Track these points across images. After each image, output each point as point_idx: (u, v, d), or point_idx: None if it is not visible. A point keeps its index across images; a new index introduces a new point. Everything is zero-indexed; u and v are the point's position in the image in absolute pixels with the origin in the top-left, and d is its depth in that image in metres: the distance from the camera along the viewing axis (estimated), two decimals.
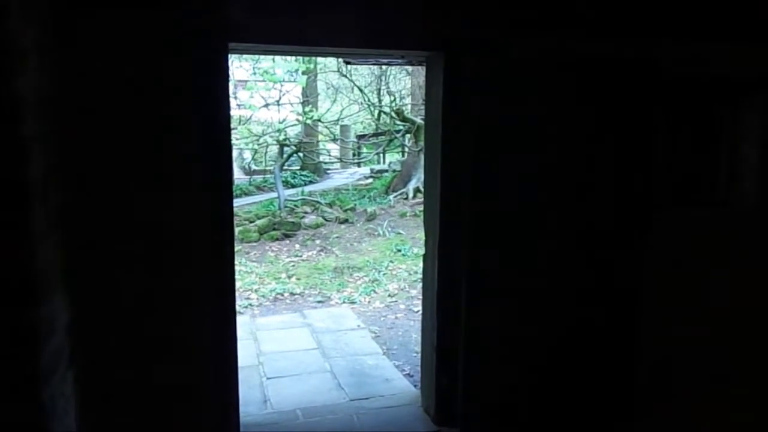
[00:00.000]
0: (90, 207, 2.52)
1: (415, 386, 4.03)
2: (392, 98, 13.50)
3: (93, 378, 2.53)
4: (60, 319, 2.19)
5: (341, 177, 15.84)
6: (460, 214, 3.14)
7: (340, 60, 8.99)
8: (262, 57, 10.19)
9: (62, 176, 2.30)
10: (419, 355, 4.04)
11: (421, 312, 3.69)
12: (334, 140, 15.49)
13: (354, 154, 17.68)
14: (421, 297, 3.68)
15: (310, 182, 14.38)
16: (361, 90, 13.29)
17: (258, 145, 13.82)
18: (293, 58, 9.30)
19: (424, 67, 3.43)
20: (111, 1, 2.48)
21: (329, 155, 16.91)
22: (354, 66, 11.72)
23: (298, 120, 12.87)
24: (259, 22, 2.73)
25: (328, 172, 16.37)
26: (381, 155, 16.49)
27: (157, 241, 2.66)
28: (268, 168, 15.06)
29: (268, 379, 4.16)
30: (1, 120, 1.65)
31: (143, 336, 2.70)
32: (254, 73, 11.02)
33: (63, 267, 2.25)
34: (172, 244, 2.67)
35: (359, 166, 17.12)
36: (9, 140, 1.68)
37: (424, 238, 3.47)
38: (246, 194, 12.66)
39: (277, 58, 9.63)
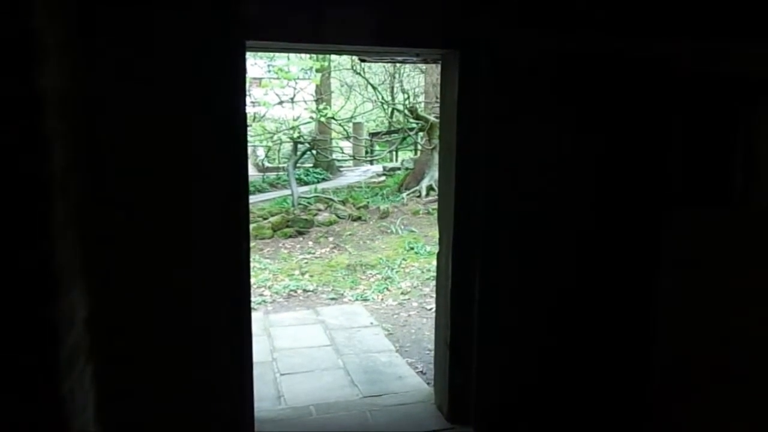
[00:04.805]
0: (107, 203, 2.55)
1: (428, 384, 4.04)
2: (406, 96, 13.49)
3: (110, 373, 2.56)
4: (79, 314, 2.22)
5: (354, 174, 15.86)
6: (475, 212, 3.13)
7: (354, 58, 8.99)
8: (276, 54, 10.23)
9: (80, 172, 2.33)
10: (432, 352, 4.05)
11: (434, 310, 3.69)
12: (348, 138, 15.52)
13: (367, 152, 17.70)
14: (433, 295, 3.68)
15: (323, 180, 14.43)
16: (374, 88, 13.29)
17: (272, 142, 13.88)
18: (308, 55, 9.31)
19: (439, 65, 3.43)
20: (132, 0, 2.51)
21: (342, 153, 16.94)
22: (368, 64, 11.73)
23: (311, 117, 12.91)
24: (277, 20, 2.75)
25: (341, 169, 16.41)
26: (394, 153, 16.50)
27: (173, 238, 2.69)
28: (281, 165, 15.13)
29: (281, 375, 4.19)
30: (23, 117, 1.68)
31: (159, 332, 2.73)
32: (269, 71, 11.07)
33: (81, 261, 2.28)
34: (188, 240, 2.70)
35: (372, 163, 17.14)
36: (31, 136, 1.71)
37: (437, 235, 3.47)
38: (259, 191, 12.72)
39: (292, 55, 9.65)
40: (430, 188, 11.10)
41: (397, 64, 12.63)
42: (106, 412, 2.49)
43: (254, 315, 3.37)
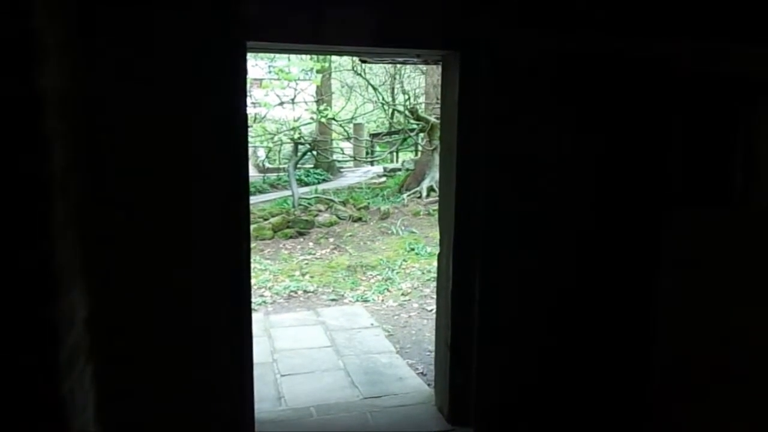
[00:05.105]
0: (107, 203, 2.55)
1: (428, 385, 4.03)
2: (407, 97, 13.51)
3: (109, 373, 2.56)
4: (79, 314, 2.22)
5: (354, 175, 15.88)
6: (475, 213, 3.13)
7: (355, 58, 9.00)
8: (277, 55, 10.24)
9: (80, 172, 2.33)
10: (432, 353, 4.05)
11: (434, 311, 3.69)
12: (348, 139, 15.54)
13: (367, 153, 17.71)
14: (434, 296, 3.68)
15: (324, 180, 14.45)
16: (375, 89, 13.31)
17: (272, 143, 13.90)
18: (308, 56, 9.33)
19: (439, 66, 3.43)
20: (132, 0, 2.51)
21: (343, 153, 16.96)
22: (368, 65, 11.74)
23: (312, 118, 12.93)
24: (277, 20, 2.75)
25: (342, 170, 16.42)
26: (394, 154, 16.52)
27: (173, 238, 2.69)
28: (281, 166, 15.15)
29: (282, 376, 4.19)
30: (24, 117, 1.68)
31: (159, 332, 2.73)
32: (269, 72, 11.08)
33: (81, 261, 2.28)
34: (188, 240, 2.70)
35: (372, 164, 17.15)
36: (31, 136, 1.71)
37: (437, 236, 3.46)
38: (260, 192, 12.74)
39: (293, 56, 9.67)
40: (430, 189, 11.11)
41: (398, 65, 12.64)
42: (106, 412, 2.49)
43: (255, 316, 3.37)
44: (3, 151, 1.67)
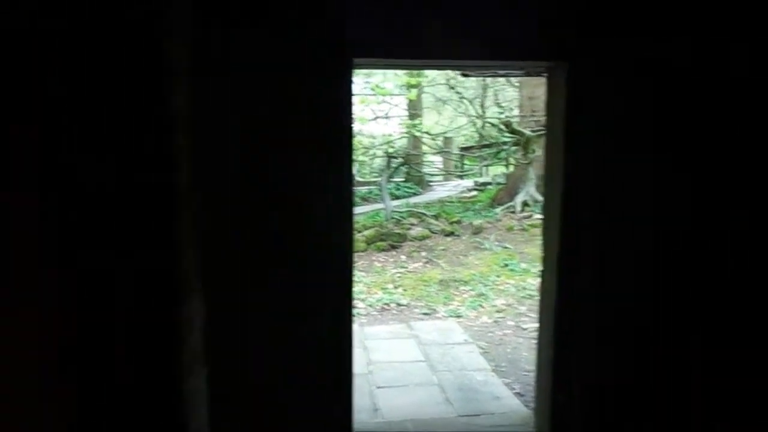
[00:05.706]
0: (226, 215, 2.68)
1: (526, 406, 3.91)
2: (501, 110, 13.34)
3: (216, 377, 2.67)
4: (197, 320, 2.33)
5: (444, 189, 15.81)
6: (583, 229, 3.02)
7: (450, 72, 9.00)
8: (373, 71, 10.46)
9: (201, 182, 2.46)
10: (530, 374, 3.93)
11: (530, 329, 3.58)
12: (440, 152, 15.54)
13: (456, 166, 17.62)
14: (530, 314, 3.57)
15: (414, 194, 14.49)
16: (470, 102, 13.25)
17: (366, 156, 14.16)
18: (402, 72, 9.45)
19: (534, 79, 3.36)
20: (243, 21, 2.65)
21: (433, 167, 16.97)
22: (460, 78, 11.71)
23: (405, 133, 13.06)
24: (384, 38, 2.81)
25: (431, 184, 16.42)
26: (485, 168, 16.32)
27: (285, 250, 2.78)
28: (372, 179, 15.37)
29: (377, 388, 4.21)
30: (160, 132, 1.81)
31: (266, 339, 2.82)
32: (365, 87, 11.31)
33: (200, 269, 2.40)
34: (300, 251, 2.78)
35: (462, 178, 17.03)
36: (166, 150, 1.83)
37: (532, 252, 3.39)
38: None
39: (388, 72, 9.82)
40: (524, 204, 10.85)
41: (489, 79, 12.51)
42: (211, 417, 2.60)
43: None
44: (141, 164, 1.81)
